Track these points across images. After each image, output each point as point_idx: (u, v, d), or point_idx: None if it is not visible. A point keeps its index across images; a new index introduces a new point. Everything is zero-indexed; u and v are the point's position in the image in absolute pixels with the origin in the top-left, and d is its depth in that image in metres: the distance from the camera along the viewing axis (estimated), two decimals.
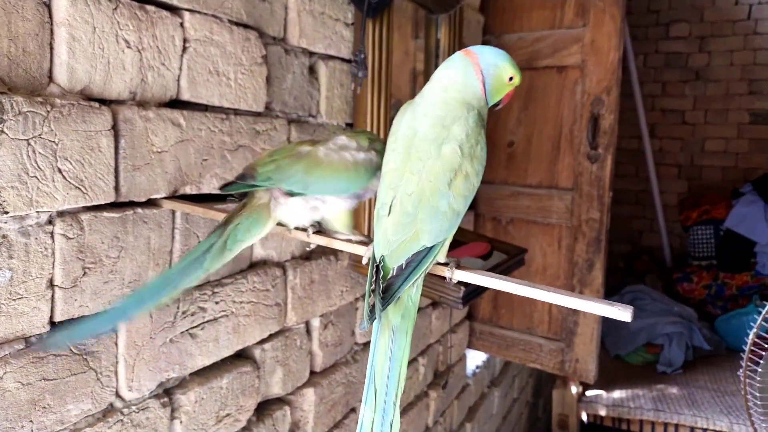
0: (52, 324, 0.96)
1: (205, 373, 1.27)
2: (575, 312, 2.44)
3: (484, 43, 2.59)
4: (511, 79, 0.92)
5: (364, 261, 0.93)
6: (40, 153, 0.88)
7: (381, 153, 0.99)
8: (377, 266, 0.85)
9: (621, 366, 4.20)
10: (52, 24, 0.91)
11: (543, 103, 2.48)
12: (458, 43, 2.13)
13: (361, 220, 1.68)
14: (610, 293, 4.53)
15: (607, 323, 4.07)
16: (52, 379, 0.95)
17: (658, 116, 5.71)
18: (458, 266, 0.91)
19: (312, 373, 1.64)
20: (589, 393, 3.81)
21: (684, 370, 4.05)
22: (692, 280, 4.96)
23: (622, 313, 0.79)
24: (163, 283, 0.91)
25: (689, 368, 4.08)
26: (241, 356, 1.40)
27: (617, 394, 3.79)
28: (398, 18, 1.99)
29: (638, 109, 5.37)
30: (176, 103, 1.16)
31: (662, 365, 4.07)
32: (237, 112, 1.30)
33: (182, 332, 1.19)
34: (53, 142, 0.90)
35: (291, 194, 0.99)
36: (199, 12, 1.16)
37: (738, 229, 4.89)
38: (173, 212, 1.15)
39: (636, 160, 5.72)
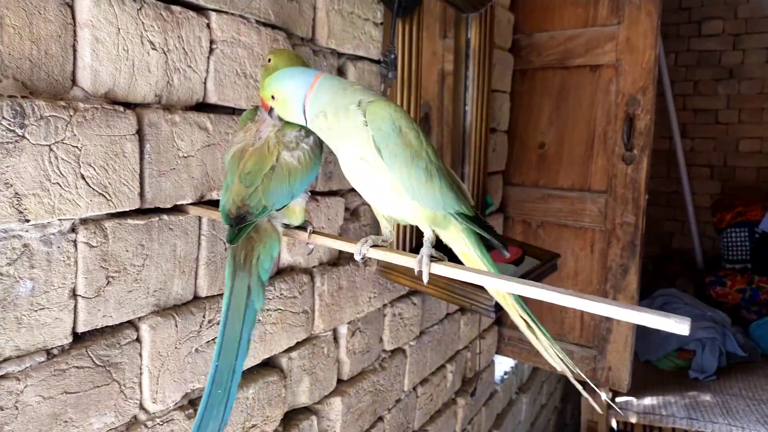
0: (75, 335, 0.93)
1: None
2: (608, 318, 2.37)
3: (515, 42, 2.52)
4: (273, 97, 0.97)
5: (358, 257, 0.96)
6: (62, 159, 0.85)
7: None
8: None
9: (652, 371, 4.10)
10: (75, 25, 0.88)
11: (575, 103, 2.41)
12: (489, 42, 2.07)
13: None
14: (641, 297, 4.42)
15: (637, 327, 3.98)
16: (74, 392, 0.92)
17: (689, 116, 5.58)
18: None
19: (339, 381, 1.60)
20: (619, 399, 3.71)
21: (717, 377, 3.93)
22: (726, 283, 4.83)
23: (679, 325, 0.73)
24: (235, 348, 0.93)
25: (723, 375, 3.96)
26: (268, 365, 1.36)
27: (648, 401, 3.69)
28: (426, 18, 1.94)
29: (669, 108, 5.25)
30: (203, 106, 1.12)
31: (695, 371, 3.96)
32: None
33: (208, 341, 1.16)
34: (76, 147, 0.87)
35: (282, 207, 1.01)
36: (225, 12, 1.12)
37: None
38: (199, 218, 1.11)
39: (667, 160, 5.60)
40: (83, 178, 0.89)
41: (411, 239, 1.67)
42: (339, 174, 1.50)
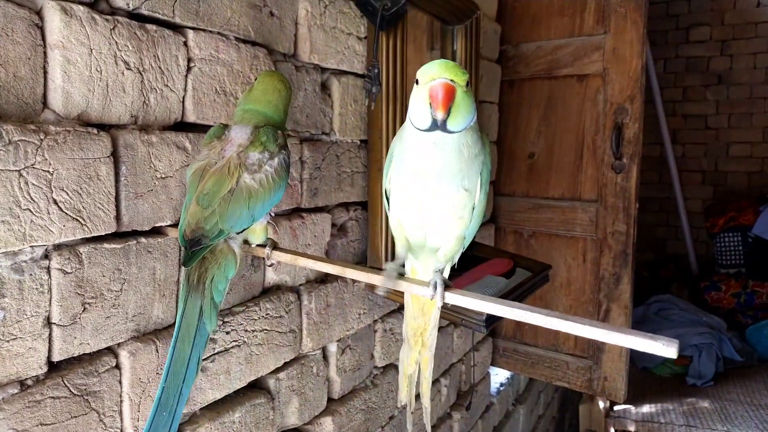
0: (50, 364, 0.90)
1: (216, 408, 1.21)
2: None
3: (502, 52, 2.52)
4: None
5: (382, 292, 0.95)
6: (33, 184, 0.83)
7: (286, 145, 1.02)
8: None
9: (649, 378, 4.07)
10: (45, 46, 0.86)
11: (564, 113, 2.41)
12: (475, 53, 2.06)
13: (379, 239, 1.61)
14: (636, 303, 4.40)
15: None
16: (50, 424, 0.89)
17: (679, 122, 5.59)
18: (275, 248, 1.05)
19: (330, 400, 1.58)
20: (617, 408, 3.68)
21: (715, 383, 3.91)
22: (720, 288, 4.82)
23: (667, 348, 0.71)
24: (183, 371, 0.91)
25: (720, 380, 3.94)
26: (255, 387, 1.33)
27: (646, 408, 3.66)
28: (413, 30, 1.94)
29: (659, 115, 5.26)
30: (181, 126, 1.10)
31: (692, 377, 3.94)
32: None
33: None
34: (47, 171, 0.85)
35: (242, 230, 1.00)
36: (203, 30, 1.10)
37: (767, 236, 4.74)
38: None
39: (659, 166, 5.60)
40: (56, 203, 0.87)
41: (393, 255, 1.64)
42: (325, 190, 1.48)
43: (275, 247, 1.06)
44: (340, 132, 1.53)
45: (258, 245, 1.05)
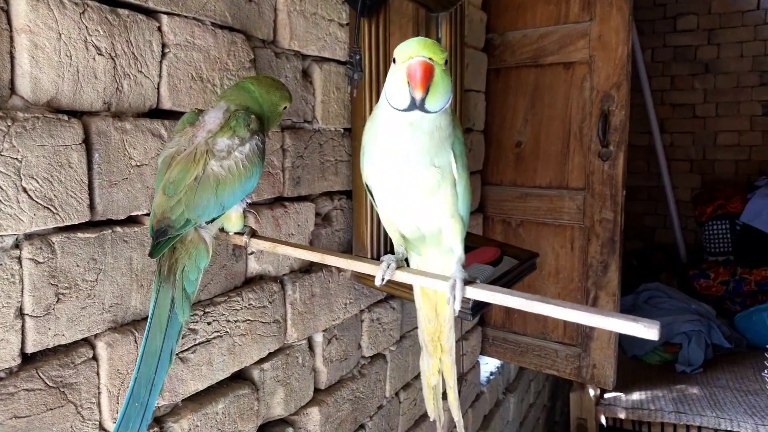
0: (24, 356, 0.88)
1: (198, 399, 1.20)
2: None
3: (488, 41, 2.50)
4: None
5: (380, 283, 0.90)
6: (1, 172, 0.81)
7: (260, 130, 0.98)
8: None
9: (639, 366, 4.09)
10: (11, 31, 0.84)
11: (550, 101, 2.39)
12: (460, 41, 2.05)
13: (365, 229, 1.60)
14: (625, 292, 4.41)
15: None
16: (24, 416, 0.87)
17: (668, 111, 5.60)
18: (254, 235, 1.03)
19: (316, 390, 1.56)
20: (607, 395, 3.70)
21: (704, 370, 3.93)
22: (709, 276, 4.84)
23: (648, 330, 0.70)
24: (155, 362, 0.89)
25: (709, 367, 3.96)
26: (239, 378, 1.32)
27: (636, 396, 3.68)
28: (398, 17, 1.91)
29: (647, 104, 5.27)
30: (157, 113, 1.08)
31: (681, 365, 3.96)
32: None
33: None
34: (16, 159, 0.83)
35: (213, 219, 0.97)
36: (178, 15, 1.08)
37: (755, 224, 4.76)
38: None
39: (647, 155, 5.61)
40: (25, 191, 0.85)
41: (383, 245, 1.63)
42: (308, 179, 1.47)
43: (254, 234, 1.03)
44: (323, 120, 1.51)
45: (236, 233, 1.03)
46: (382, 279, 0.88)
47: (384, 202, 0.94)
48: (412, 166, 0.85)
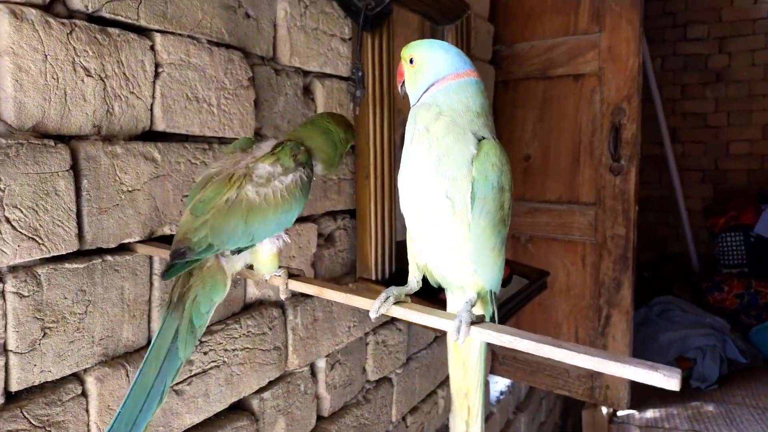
0: (8, 395, 0.84)
1: None
2: (604, 334, 2.28)
3: (496, 53, 2.46)
4: None
5: (374, 315, 0.84)
6: None
7: (308, 163, 0.91)
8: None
9: None
10: None
11: (559, 114, 2.34)
12: (467, 54, 2.00)
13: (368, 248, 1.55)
14: (637, 305, 4.33)
15: (635, 337, 3.90)
16: None
17: (679, 120, 5.53)
18: (291, 276, 0.93)
19: (319, 418, 1.51)
20: (620, 413, 3.61)
21: (719, 385, 3.84)
22: (723, 289, 4.75)
23: (668, 379, 0.65)
24: (143, 398, 0.80)
25: (725, 383, 3.87)
26: (237, 409, 1.26)
27: (650, 413, 3.59)
28: (403, 30, 1.87)
29: (658, 113, 5.20)
30: (151, 135, 1.04)
31: (696, 380, 3.87)
32: (222, 140, 1.18)
33: None
34: None
35: (240, 250, 0.89)
36: (171, 33, 1.04)
37: None
38: (150, 257, 1.03)
39: (658, 166, 5.54)
40: (8, 221, 0.80)
41: (389, 266, 1.58)
42: (309, 199, 1.42)
43: (290, 276, 0.94)
44: None
45: (275, 275, 0.94)
46: (377, 312, 0.82)
47: (403, 214, 0.85)
48: (418, 171, 0.78)
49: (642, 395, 3.69)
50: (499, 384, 2.86)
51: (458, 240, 0.78)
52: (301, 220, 1.41)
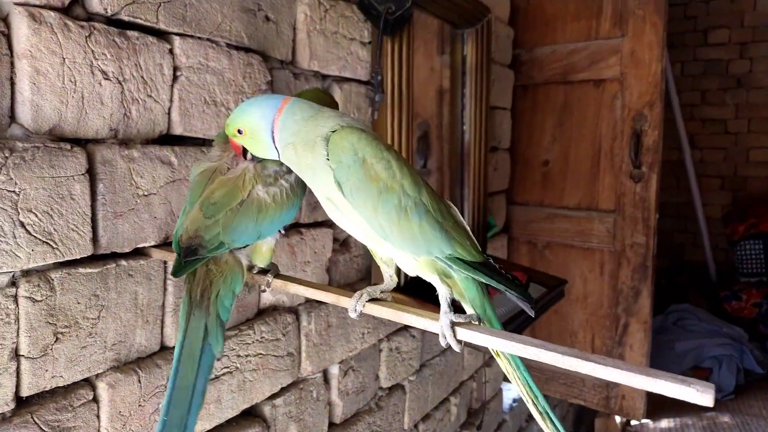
0: (19, 400, 0.83)
1: None
2: (621, 344, 2.25)
3: (515, 57, 2.43)
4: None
5: (354, 314, 0.83)
6: None
7: None
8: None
9: None
10: (12, 56, 0.79)
11: (579, 119, 2.31)
12: (486, 58, 1.98)
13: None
14: (653, 314, 4.30)
15: (652, 345, 3.85)
16: None
17: (697, 126, 5.46)
18: (277, 275, 0.94)
19: (331, 425, 1.49)
20: (634, 423, 3.57)
21: (736, 396, 3.78)
22: (741, 297, 4.68)
23: (701, 395, 0.63)
24: (187, 400, 0.80)
25: (741, 394, 3.81)
26: (249, 415, 1.25)
27: (665, 424, 3.54)
28: (423, 33, 1.86)
29: (677, 119, 5.13)
30: (168, 139, 1.03)
31: None
32: None
33: None
34: (13, 192, 0.78)
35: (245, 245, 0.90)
36: (191, 36, 1.03)
37: None
38: (164, 262, 1.02)
39: (676, 171, 5.47)
40: (23, 225, 0.79)
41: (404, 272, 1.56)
42: None
43: (277, 274, 0.95)
44: None
45: (260, 269, 0.94)
46: (355, 311, 0.82)
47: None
48: (318, 192, 0.82)
49: (656, 405, 3.64)
50: (513, 392, 2.83)
51: (360, 225, 0.80)
52: (316, 225, 1.40)
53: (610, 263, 2.27)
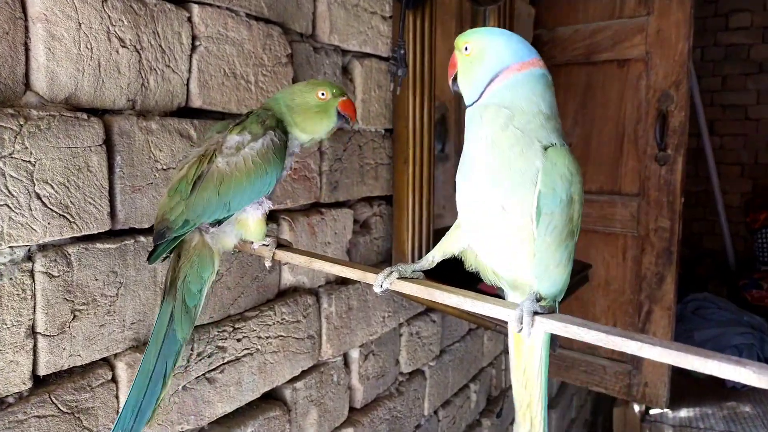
0: (36, 379, 0.80)
1: (226, 422, 1.10)
2: (644, 331, 2.20)
3: (537, 37, 2.37)
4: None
5: (378, 290, 0.78)
6: (11, 176, 0.73)
7: (278, 126, 0.87)
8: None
9: (686, 380, 3.89)
10: (26, 20, 0.76)
11: (603, 101, 2.25)
12: None
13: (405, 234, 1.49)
14: None
15: (675, 334, 3.80)
16: None
17: (718, 112, 5.36)
18: (279, 246, 0.90)
19: (351, 410, 1.46)
20: (653, 411, 3.52)
21: None
22: (761, 286, 4.61)
23: (759, 377, 0.58)
24: (144, 385, 0.80)
25: None
26: (269, 398, 1.22)
27: (684, 412, 3.49)
28: (441, 13, 1.80)
29: (697, 104, 5.04)
30: (186, 111, 0.99)
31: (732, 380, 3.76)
32: None
33: (197, 377, 1.02)
34: (29, 162, 0.74)
35: (219, 222, 0.86)
36: (210, 4, 0.99)
37: None
38: None
39: (695, 158, 5.38)
40: (39, 197, 0.76)
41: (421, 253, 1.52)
42: (346, 183, 1.37)
43: (279, 245, 0.91)
44: (363, 120, 1.41)
45: (262, 245, 0.91)
46: (380, 287, 0.77)
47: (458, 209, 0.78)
48: (477, 183, 0.71)
49: (676, 393, 3.59)
50: None
51: (519, 255, 0.71)
52: (337, 205, 1.36)
53: (633, 248, 2.22)
